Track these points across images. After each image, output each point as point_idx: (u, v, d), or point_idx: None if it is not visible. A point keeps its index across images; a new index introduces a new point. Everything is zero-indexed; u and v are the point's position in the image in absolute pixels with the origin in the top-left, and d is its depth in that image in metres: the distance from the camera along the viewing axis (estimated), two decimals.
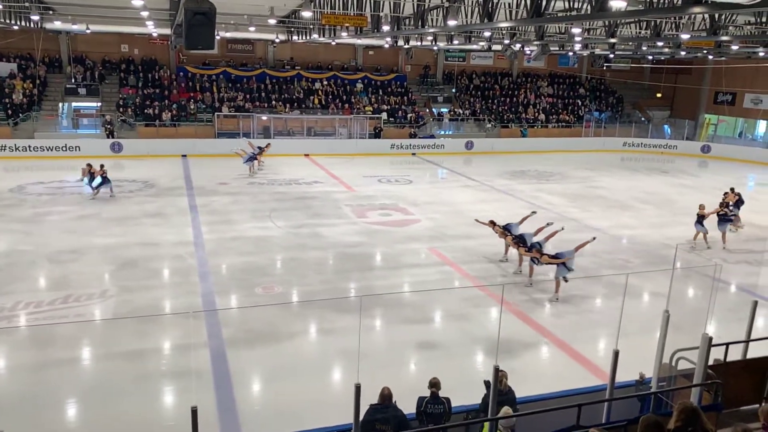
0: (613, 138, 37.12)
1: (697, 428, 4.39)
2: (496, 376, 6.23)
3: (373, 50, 37.48)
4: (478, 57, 39.85)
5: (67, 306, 11.60)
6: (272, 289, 12.89)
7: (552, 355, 10.60)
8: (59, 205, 19.17)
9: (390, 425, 6.49)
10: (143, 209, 18.93)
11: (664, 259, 15.41)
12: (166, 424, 8.27)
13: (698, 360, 6.65)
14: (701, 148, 36.07)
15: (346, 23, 19.01)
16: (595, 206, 21.56)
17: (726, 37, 19.53)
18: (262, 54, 36.18)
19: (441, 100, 38.38)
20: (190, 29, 9.79)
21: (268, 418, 8.39)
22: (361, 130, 33.55)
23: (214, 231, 16.85)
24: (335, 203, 20.78)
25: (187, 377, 9.19)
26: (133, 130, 30.18)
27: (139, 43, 33.80)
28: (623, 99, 41.73)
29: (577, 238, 17.40)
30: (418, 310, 12.11)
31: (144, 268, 13.80)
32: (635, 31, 23.30)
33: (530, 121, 37.43)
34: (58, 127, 30.10)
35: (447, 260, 15.12)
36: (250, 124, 31.64)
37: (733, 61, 31.89)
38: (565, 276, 12.77)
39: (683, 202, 22.84)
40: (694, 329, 6.86)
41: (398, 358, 10.13)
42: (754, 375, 7.05)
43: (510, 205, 21.27)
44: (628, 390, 7.78)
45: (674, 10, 13.76)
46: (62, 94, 31.39)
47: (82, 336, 10.61)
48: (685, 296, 11.17)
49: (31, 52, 30.98)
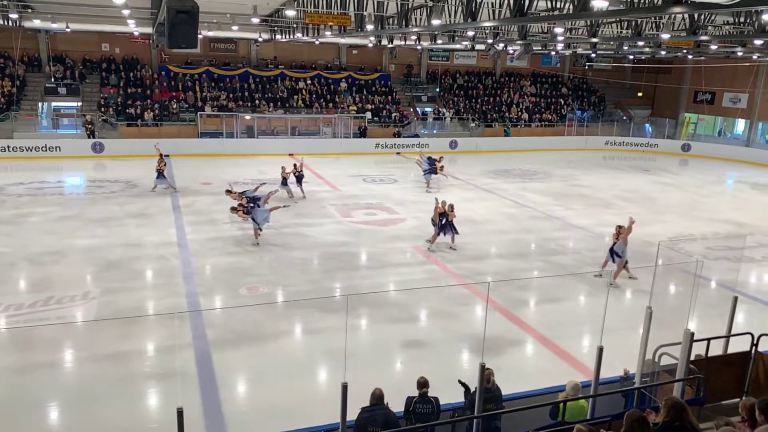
0: (596, 137, 37.49)
1: (684, 423, 4.47)
2: (482, 373, 6.25)
3: (357, 49, 37.45)
4: (462, 56, 39.99)
5: (49, 308, 11.44)
6: (257, 290, 12.82)
7: (537, 352, 10.67)
8: (40, 205, 18.90)
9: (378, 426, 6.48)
10: (126, 210, 18.73)
11: (646, 257, 15.56)
12: (150, 426, 8.19)
13: (680, 355, 6.75)
14: (681, 147, 36.56)
15: (329, 22, 18.94)
16: (578, 204, 21.76)
17: (705, 37, 19.80)
18: (245, 53, 35.97)
19: (425, 99, 38.47)
20: (173, 28, 9.70)
21: (254, 418, 8.35)
22: (346, 130, 33.51)
23: (197, 231, 16.72)
24: (320, 203, 20.73)
25: (172, 379, 9.12)
26: (115, 130, 29.84)
27: (120, 42, 33.41)
28: (605, 98, 42.16)
29: (561, 236, 17.61)
30: (403, 309, 12.13)
31: (127, 270, 13.65)
32: (617, 30, 23.54)
33: (513, 121, 37.65)
34: (37, 127, 29.63)
35: (432, 259, 15.16)
36: (233, 124, 31.44)
37: (712, 60, 32.37)
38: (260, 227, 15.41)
39: (664, 200, 23.16)
40: (677, 325, 6.95)
41: (384, 357, 10.13)
42: (734, 369, 7.18)
43: (494, 204, 21.41)
44: (612, 386, 7.87)
45: (655, 9, 13.94)
46: (42, 94, 30.94)
47: (64, 338, 10.46)
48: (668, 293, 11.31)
49: (10, 50, 30.45)
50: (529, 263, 15.46)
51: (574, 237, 17.79)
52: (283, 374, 9.50)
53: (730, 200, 24.89)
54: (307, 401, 8.60)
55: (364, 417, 6.46)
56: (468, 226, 18.08)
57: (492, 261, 15.50)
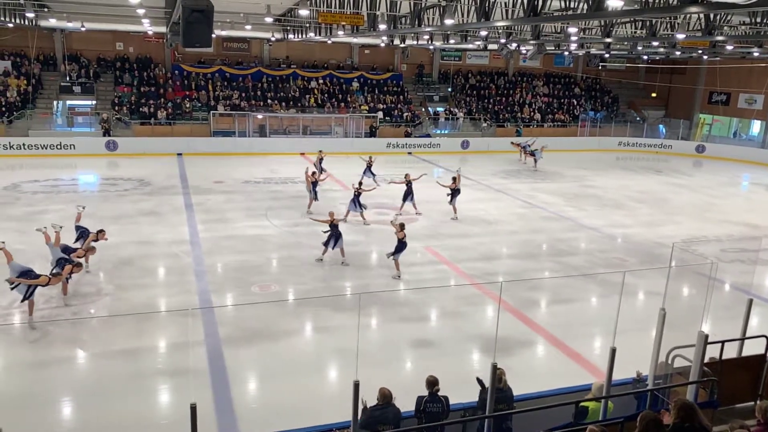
0: (609, 137, 37.24)
1: (694, 424, 4.43)
2: (494, 373, 6.24)
3: (369, 49, 37.45)
4: (474, 56, 39.88)
5: (63, 305, 11.55)
6: (268, 288, 12.87)
7: (548, 352, 10.63)
8: (54, 203, 19.07)
9: (390, 424, 6.52)
10: (138, 208, 18.87)
11: (658, 258, 15.48)
12: (162, 422, 8.25)
13: (694, 358, 6.69)
14: (696, 148, 36.22)
15: (342, 22, 19.00)
16: (590, 205, 21.63)
17: (721, 37, 19.60)
18: (258, 52, 36.11)
19: (437, 99, 38.40)
20: (188, 27, 9.76)
21: (265, 415, 8.38)
22: (357, 129, 33.53)
23: (209, 229, 16.81)
24: (331, 202, 20.74)
25: (184, 375, 9.18)
26: (129, 129, 30.07)
27: (134, 41, 33.65)
28: (618, 99, 41.86)
29: (572, 237, 17.52)
30: (414, 308, 12.12)
31: (139, 267, 13.75)
32: (631, 30, 23.37)
33: (526, 121, 37.49)
34: (52, 125, 29.96)
35: (443, 259, 15.14)
36: (245, 123, 31.58)
37: (727, 61, 32.06)
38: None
39: (677, 201, 22.97)
40: (690, 327, 6.89)
41: (395, 356, 10.14)
42: (749, 372, 7.10)
43: (505, 204, 21.33)
44: (624, 387, 7.81)
45: (670, 9, 13.81)
46: (57, 92, 31.24)
47: (78, 335, 10.58)
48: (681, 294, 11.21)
49: (26, 49, 30.83)
50: (540, 264, 15.40)
51: (586, 238, 17.69)
52: (294, 372, 9.53)
53: (744, 202, 24.62)
54: (318, 399, 8.62)
55: (374, 416, 6.49)
56: (479, 226, 18.05)
57: (503, 261, 15.45)
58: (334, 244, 14.19)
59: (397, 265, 13.62)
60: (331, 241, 14.14)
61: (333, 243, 14.16)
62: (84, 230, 13.58)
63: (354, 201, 17.84)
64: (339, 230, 14.20)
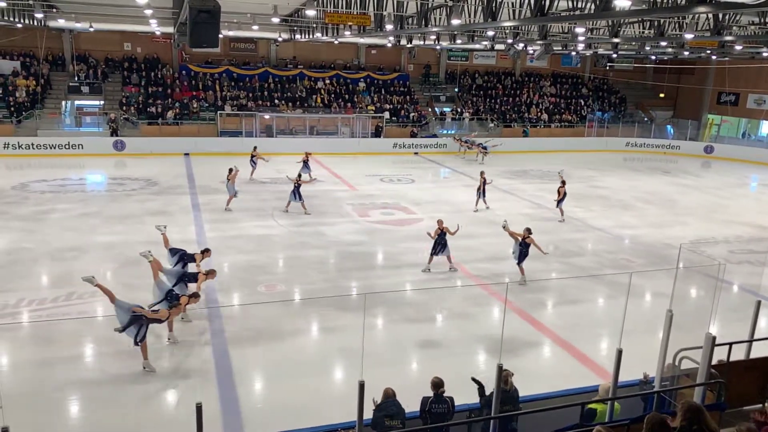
0: (616, 138, 37.07)
1: (701, 427, 4.39)
2: (499, 374, 6.22)
3: (376, 49, 37.46)
4: (481, 56, 39.81)
5: (70, 303, 11.62)
6: (274, 288, 12.90)
7: (555, 354, 10.59)
8: (62, 202, 19.19)
9: (397, 419, 6.55)
10: (145, 207, 18.94)
11: (666, 259, 15.40)
12: (168, 421, 8.27)
13: (702, 359, 6.64)
14: (704, 149, 36.01)
15: (349, 22, 18.98)
16: (598, 206, 21.54)
17: (730, 37, 19.47)
18: (265, 53, 36.18)
19: (443, 99, 38.36)
20: (195, 27, 9.80)
21: (271, 415, 8.39)
22: (363, 129, 33.55)
23: (216, 229, 16.86)
24: (337, 202, 20.78)
25: (190, 375, 9.21)
26: (136, 129, 30.21)
27: (142, 41, 33.80)
28: (626, 99, 41.68)
29: (579, 237, 17.45)
30: (420, 308, 12.11)
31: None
32: (638, 30, 23.26)
33: (533, 121, 37.39)
34: (61, 125, 30.16)
35: None
36: (252, 123, 31.65)
37: (736, 61, 31.84)
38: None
39: (685, 202, 22.85)
40: (697, 329, 6.84)
41: (400, 357, 10.13)
42: (757, 375, 7.04)
43: (512, 205, 21.27)
44: (631, 389, 7.77)
45: (679, 9, 13.72)
46: (65, 92, 31.43)
47: (85, 333, 10.61)
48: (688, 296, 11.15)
49: (35, 50, 31.04)
50: (547, 265, 15.33)
51: (593, 238, 17.62)
52: (300, 372, 9.53)
53: (753, 203, 24.45)
54: (323, 399, 8.62)
55: (380, 413, 6.54)
56: (486, 226, 18.00)
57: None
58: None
59: (522, 270, 13.57)
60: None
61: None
62: (182, 252, 11.92)
63: (294, 192, 18.76)
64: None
